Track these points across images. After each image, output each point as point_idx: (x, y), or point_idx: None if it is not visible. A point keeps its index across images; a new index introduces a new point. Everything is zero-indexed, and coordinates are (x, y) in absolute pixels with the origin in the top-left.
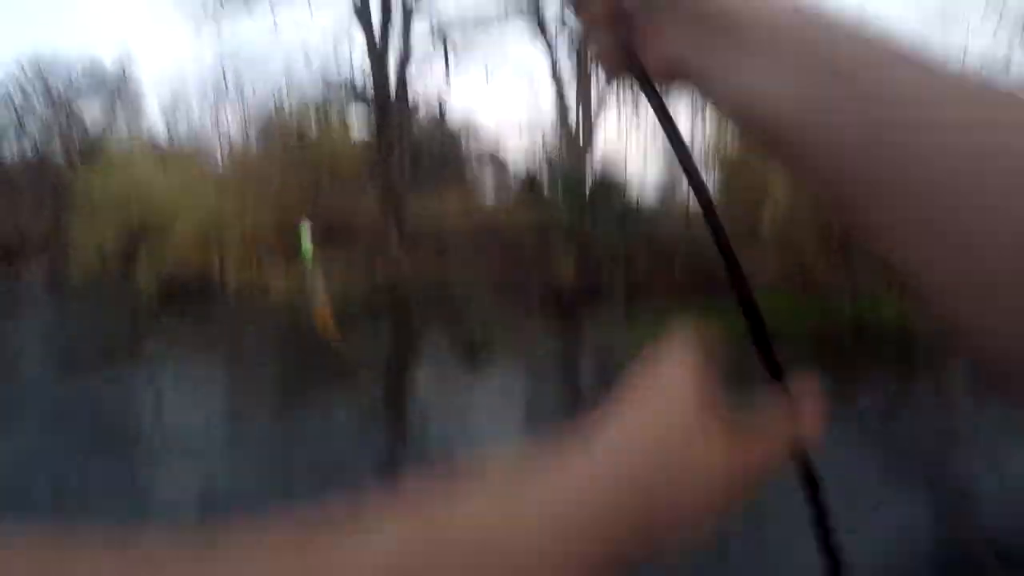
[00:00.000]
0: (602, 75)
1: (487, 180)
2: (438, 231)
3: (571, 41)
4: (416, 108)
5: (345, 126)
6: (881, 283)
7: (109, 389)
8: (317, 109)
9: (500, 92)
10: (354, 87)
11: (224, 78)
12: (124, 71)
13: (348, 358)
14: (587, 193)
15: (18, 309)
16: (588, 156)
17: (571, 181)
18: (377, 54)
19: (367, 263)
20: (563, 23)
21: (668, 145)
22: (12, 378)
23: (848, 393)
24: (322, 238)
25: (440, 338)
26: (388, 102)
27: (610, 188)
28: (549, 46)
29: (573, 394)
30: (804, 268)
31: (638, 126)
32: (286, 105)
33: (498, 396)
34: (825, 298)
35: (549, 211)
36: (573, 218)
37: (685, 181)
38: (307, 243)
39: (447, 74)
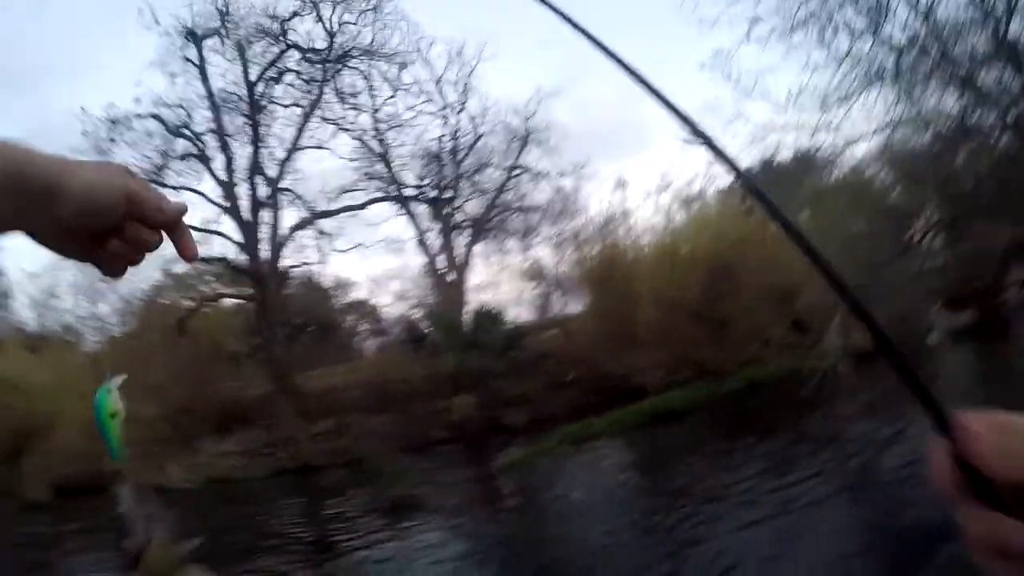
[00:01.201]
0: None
1: (370, 341)
2: (330, 398)
3: (429, 208)
4: (291, 282)
5: (224, 309)
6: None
7: None
8: (195, 294)
9: (370, 257)
10: (231, 268)
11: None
12: None
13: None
14: (466, 331)
15: None
16: (460, 302)
17: (449, 324)
18: (249, 235)
19: (267, 443)
20: (418, 196)
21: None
22: None
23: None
24: (216, 424)
25: (359, 501)
26: (264, 280)
27: (486, 322)
28: (410, 214)
29: (506, 534)
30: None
31: (500, 270)
32: (163, 292)
33: (434, 548)
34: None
35: (435, 356)
36: (459, 357)
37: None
38: (113, 410)
39: (319, 248)
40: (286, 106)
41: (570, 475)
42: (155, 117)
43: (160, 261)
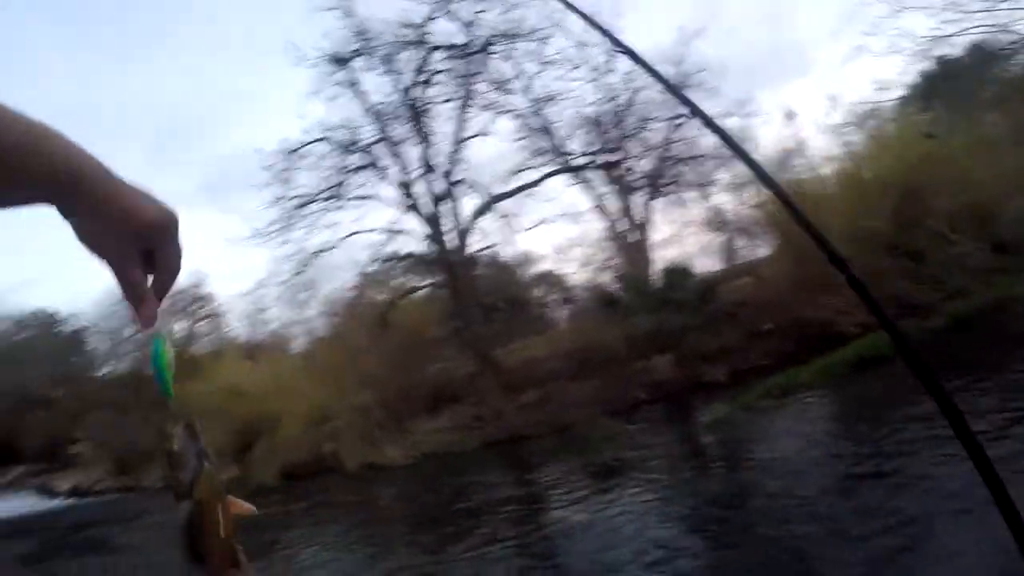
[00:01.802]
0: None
1: (562, 310)
2: (531, 369)
3: (602, 174)
4: (480, 265)
5: (419, 300)
6: None
7: None
8: (390, 290)
9: (553, 230)
10: (421, 261)
11: (299, 275)
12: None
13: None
14: (657, 289)
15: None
16: (646, 260)
17: (639, 284)
18: (433, 228)
19: (475, 417)
20: (588, 164)
21: None
22: None
23: None
24: (426, 405)
25: (567, 467)
26: (453, 267)
27: (676, 278)
28: (584, 181)
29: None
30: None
31: (682, 224)
32: (361, 289)
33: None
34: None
35: (628, 318)
36: (652, 316)
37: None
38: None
39: (501, 229)
40: (443, 103)
41: (776, 428)
42: (325, 140)
43: (359, 264)
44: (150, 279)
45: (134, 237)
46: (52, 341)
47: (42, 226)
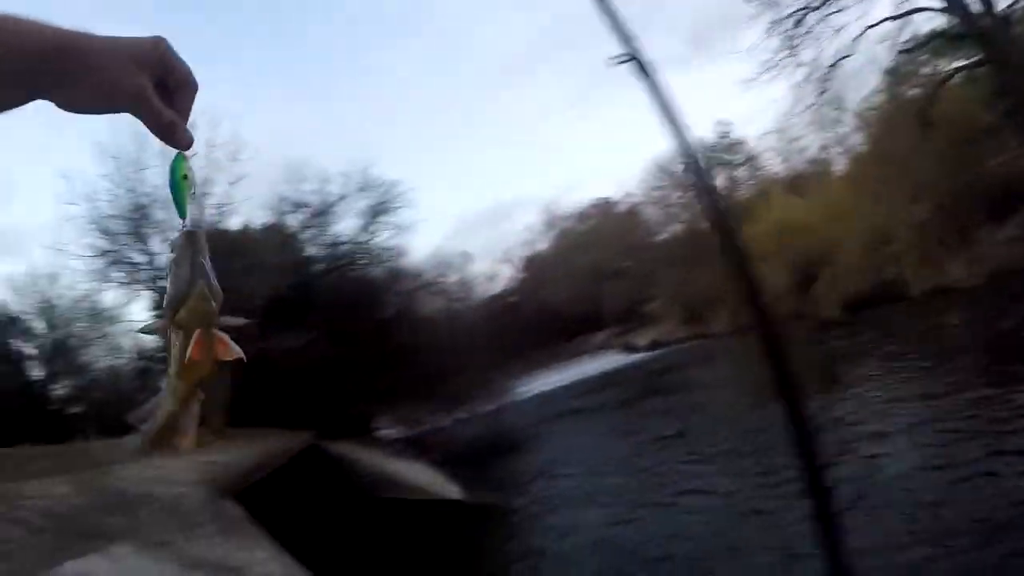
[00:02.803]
0: None
1: None
2: None
3: None
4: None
5: (957, 86)
6: None
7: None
8: (922, 79)
9: None
10: (949, 38)
11: (823, 94)
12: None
13: None
14: None
15: (711, 357)
16: None
17: None
18: None
19: None
20: None
21: None
22: (715, 413)
23: None
24: (988, 211)
25: None
26: (988, 34)
27: None
28: None
29: None
30: None
31: None
32: (891, 89)
33: None
34: None
35: None
36: None
37: None
38: (184, 175)
39: None
40: None
41: None
42: None
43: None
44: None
45: (143, 74)
46: (612, 221)
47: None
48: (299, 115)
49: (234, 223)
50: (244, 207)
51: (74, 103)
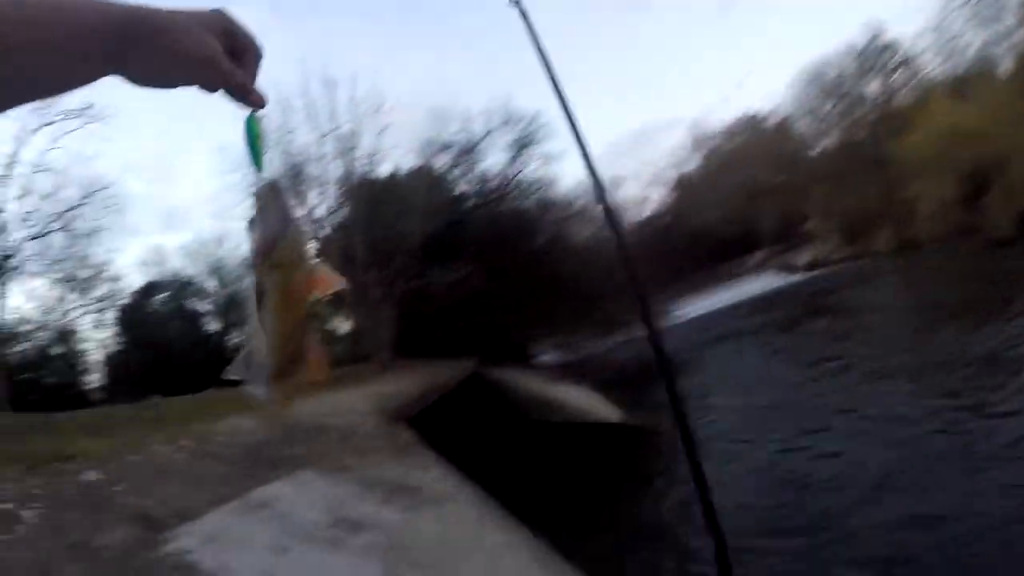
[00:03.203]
0: None
1: None
2: None
3: None
4: None
5: None
6: None
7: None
8: None
9: None
10: None
11: None
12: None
13: None
14: None
15: (872, 278)
16: None
17: None
18: None
19: None
20: None
21: None
22: (882, 336)
23: None
24: None
25: None
26: None
27: None
28: None
29: None
30: None
31: None
32: None
33: None
34: None
35: None
36: None
37: None
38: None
39: None
40: None
41: None
42: None
43: None
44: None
45: (214, 38)
46: (762, 136)
47: None
48: (438, 57)
49: (384, 170)
50: (392, 154)
51: (147, 75)
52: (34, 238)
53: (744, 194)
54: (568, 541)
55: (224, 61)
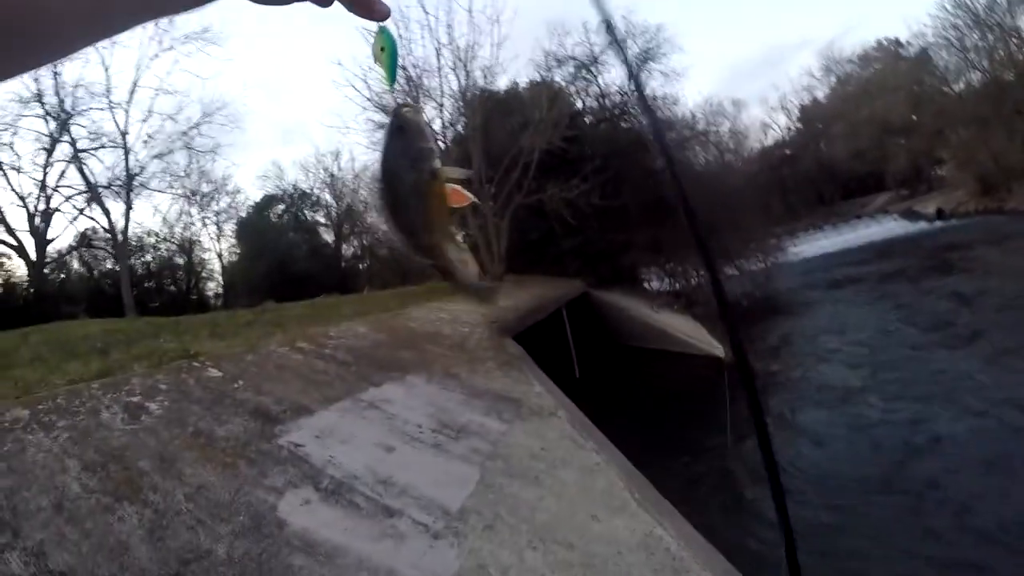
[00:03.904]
0: None
1: None
2: None
3: None
4: None
5: None
6: None
7: None
8: None
9: None
10: None
11: None
12: None
13: None
14: None
15: (1006, 237)
16: None
17: None
18: None
19: None
20: None
21: None
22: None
23: None
24: None
25: None
26: None
27: None
28: None
29: None
30: None
31: None
32: None
33: None
34: None
35: None
36: None
37: None
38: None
39: None
40: None
41: None
42: None
43: None
44: None
45: None
46: (900, 66)
47: None
48: None
49: (502, 83)
50: (511, 67)
51: None
52: (158, 156)
53: (875, 129)
54: (653, 466)
55: None
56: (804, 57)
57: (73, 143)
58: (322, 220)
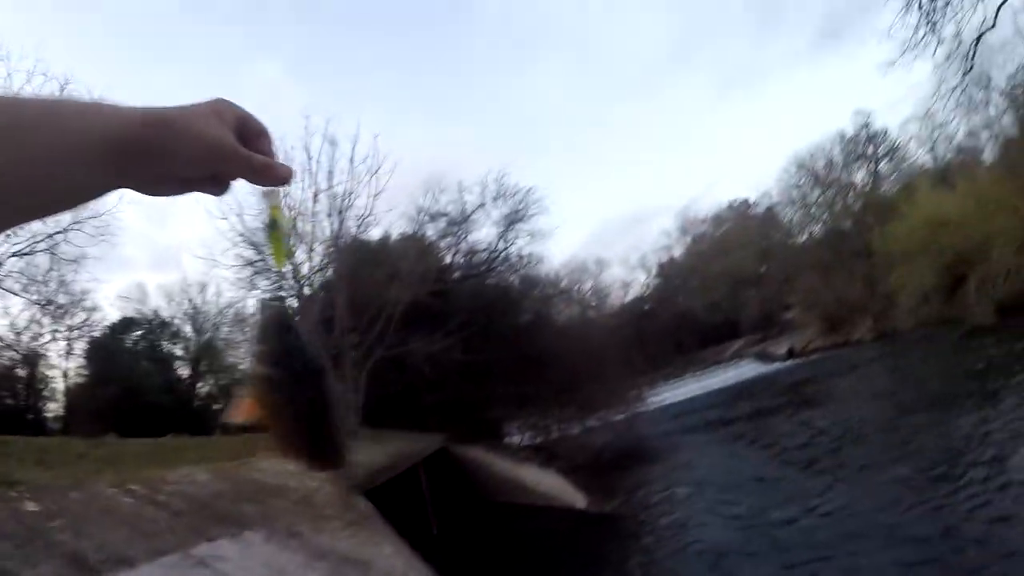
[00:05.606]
0: None
1: None
2: None
3: None
4: None
5: None
6: None
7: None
8: None
9: None
10: None
11: (967, 73)
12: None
13: None
14: None
15: (851, 367)
16: None
17: None
18: None
19: None
20: None
21: None
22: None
23: None
24: None
25: None
26: None
27: None
28: None
29: None
30: None
31: None
32: None
33: None
34: None
35: None
36: None
37: None
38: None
39: None
40: None
41: None
42: None
43: None
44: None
45: (226, 127)
46: (749, 224)
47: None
48: (437, 128)
49: (375, 234)
50: (384, 219)
51: (161, 178)
52: (17, 255)
53: (728, 281)
54: None
55: (239, 148)
56: (662, 220)
57: None
58: (179, 352)
